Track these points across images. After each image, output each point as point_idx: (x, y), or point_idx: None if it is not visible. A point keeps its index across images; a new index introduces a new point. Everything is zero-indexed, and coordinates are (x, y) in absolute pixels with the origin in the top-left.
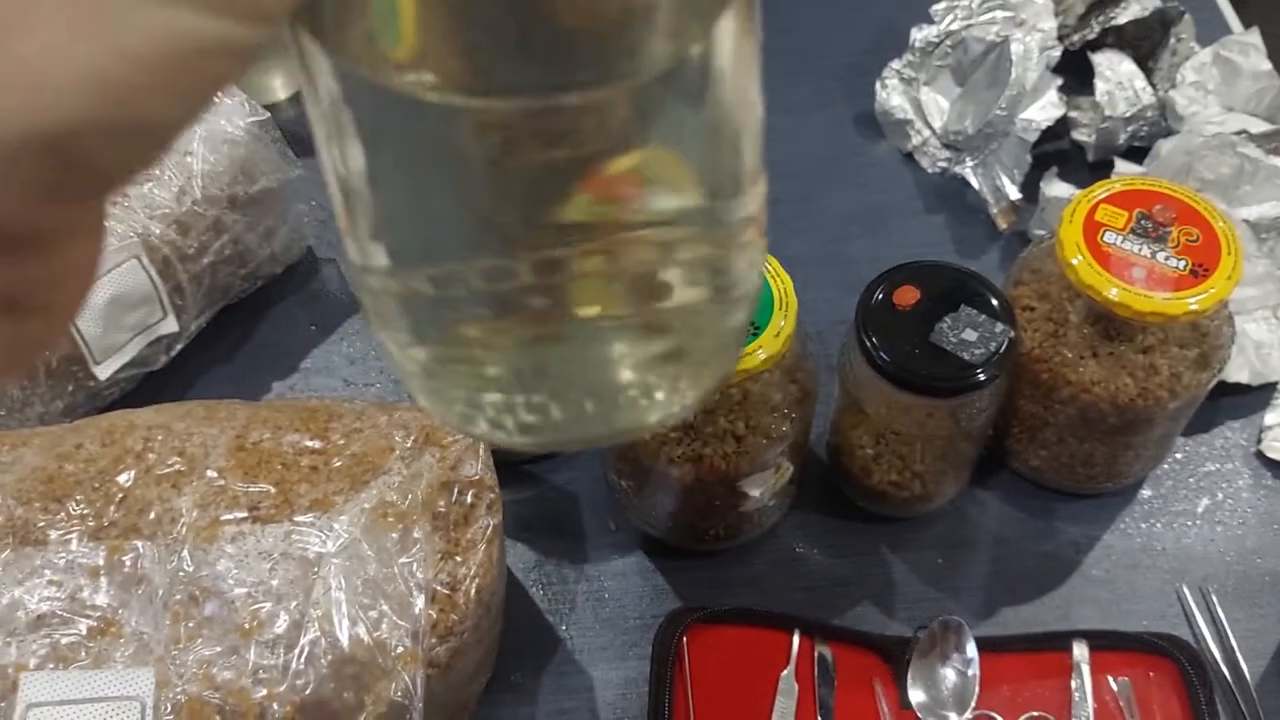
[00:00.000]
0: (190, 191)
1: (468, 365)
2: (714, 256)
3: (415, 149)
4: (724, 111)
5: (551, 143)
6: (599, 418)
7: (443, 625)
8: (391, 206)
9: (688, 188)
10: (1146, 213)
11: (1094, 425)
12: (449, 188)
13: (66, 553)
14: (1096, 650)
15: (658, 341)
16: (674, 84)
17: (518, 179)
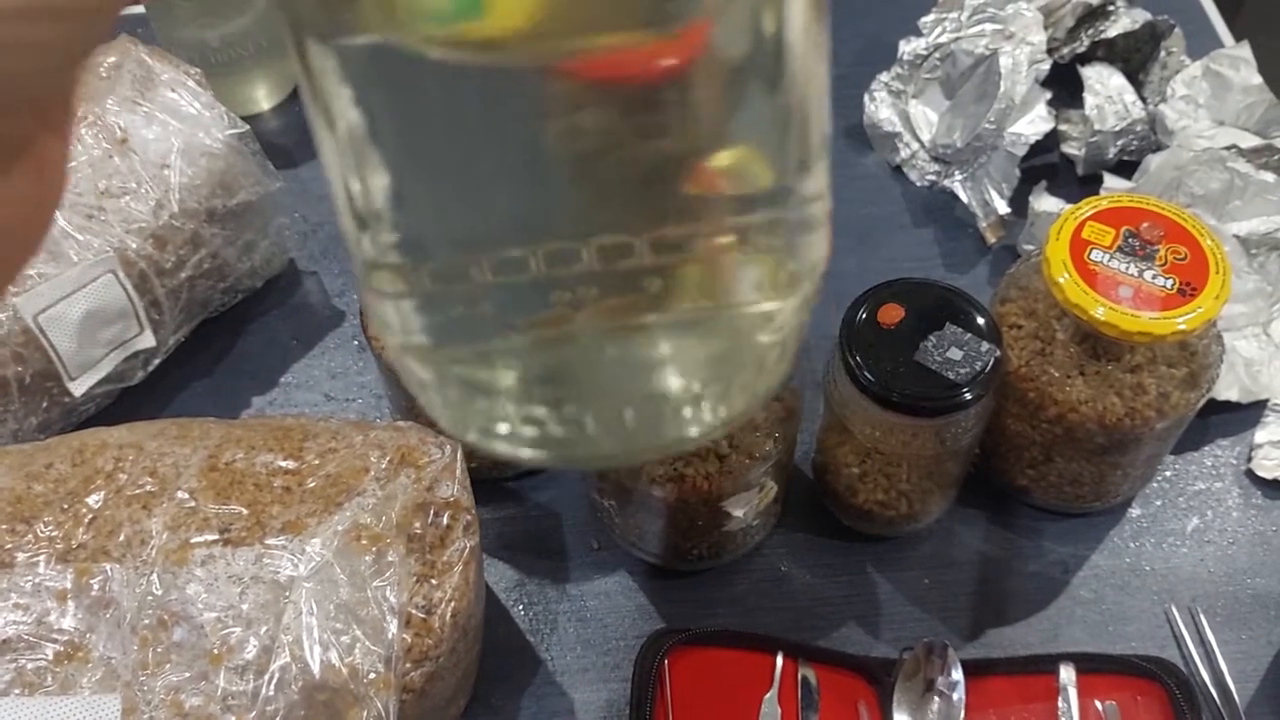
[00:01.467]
0: (167, 205)
1: (493, 370)
2: (783, 245)
3: (459, 119)
4: (798, 89)
5: (623, 111)
6: (639, 431)
7: (418, 650)
8: (433, 189)
9: (764, 172)
10: (1134, 230)
11: (1081, 445)
12: (508, 163)
13: (34, 575)
14: (1084, 673)
15: (711, 342)
16: (753, 53)
17: (585, 154)
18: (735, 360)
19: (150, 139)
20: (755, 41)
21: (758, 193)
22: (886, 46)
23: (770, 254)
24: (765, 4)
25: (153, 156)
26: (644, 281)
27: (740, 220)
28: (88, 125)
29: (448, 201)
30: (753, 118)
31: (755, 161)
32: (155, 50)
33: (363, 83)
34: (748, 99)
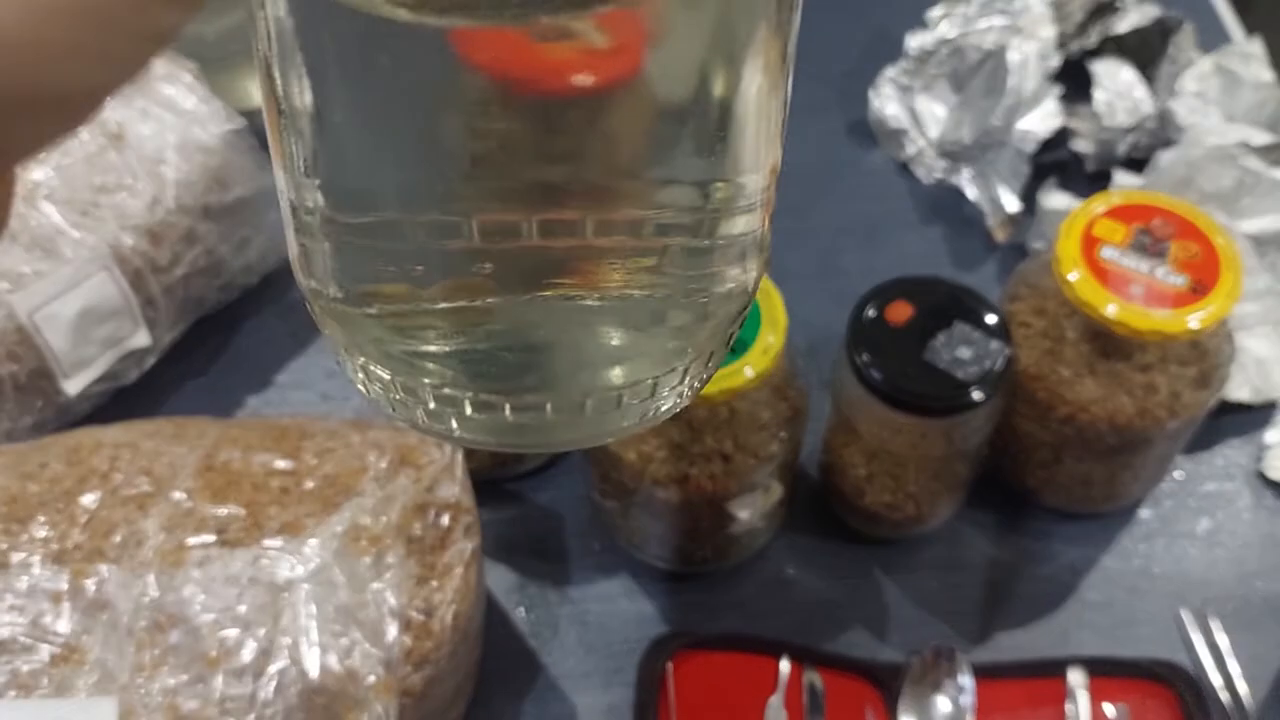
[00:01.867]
0: (163, 201)
1: (412, 334)
2: (718, 207)
3: (383, 74)
4: (736, 144)
5: (532, 119)
6: (563, 421)
7: (418, 653)
8: (369, 140)
9: (693, 114)
10: (1145, 227)
11: (1091, 445)
12: (448, 122)
13: (29, 577)
14: (1093, 677)
15: (649, 313)
16: (690, 103)
17: (513, 110)
18: (677, 338)
19: (145, 134)
20: (695, 93)
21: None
22: (893, 41)
23: (688, 248)
24: (712, 59)
25: (148, 152)
26: (538, 262)
27: (643, 214)
28: None
29: (372, 154)
30: (674, 160)
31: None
32: None
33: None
34: (672, 142)
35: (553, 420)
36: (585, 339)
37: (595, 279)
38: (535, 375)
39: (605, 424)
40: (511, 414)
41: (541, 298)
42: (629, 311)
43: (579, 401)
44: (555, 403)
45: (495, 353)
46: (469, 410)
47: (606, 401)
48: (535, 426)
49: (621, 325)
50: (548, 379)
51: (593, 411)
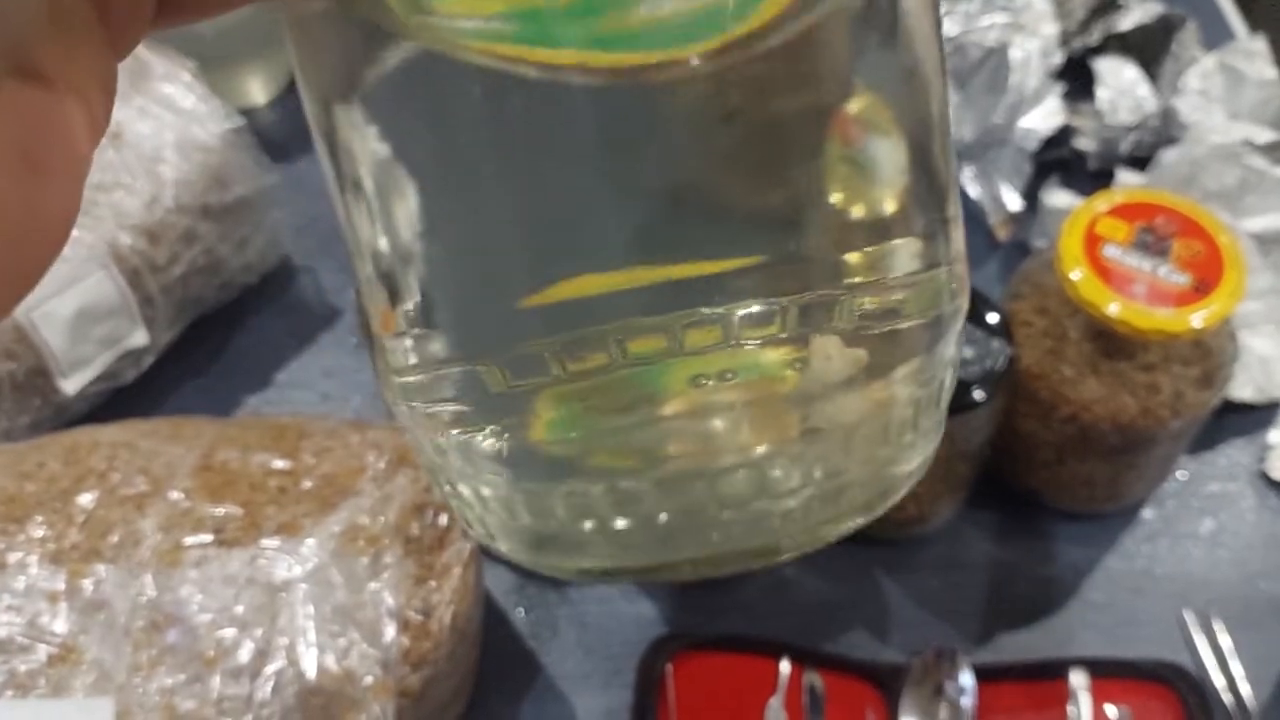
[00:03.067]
0: (161, 200)
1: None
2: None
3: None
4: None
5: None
6: (729, 539)
7: (416, 653)
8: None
9: (905, 198)
10: (1148, 226)
11: (1094, 445)
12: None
13: (26, 576)
14: (1096, 678)
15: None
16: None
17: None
18: (860, 453)
19: (144, 133)
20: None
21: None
22: None
23: (918, 313)
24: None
25: (146, 151)
26: (786, 364)
27: (886, 269)
28: None
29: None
30: (878, 75)
31: (886, 183)
32: (149, 43)
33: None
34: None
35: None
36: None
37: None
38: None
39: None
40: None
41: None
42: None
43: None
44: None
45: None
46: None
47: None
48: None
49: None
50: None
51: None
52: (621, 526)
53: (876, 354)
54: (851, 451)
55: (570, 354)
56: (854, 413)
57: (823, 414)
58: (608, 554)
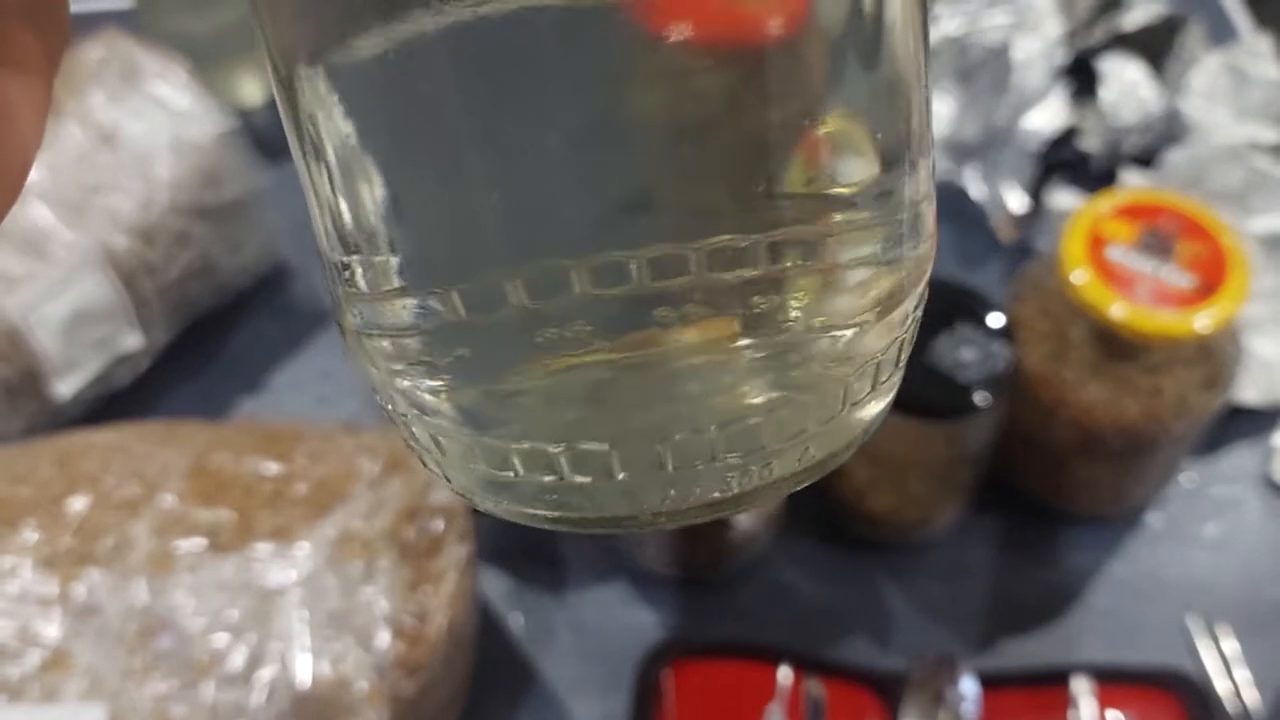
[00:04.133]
0: (156, 202)
1: (517, 416)
2: (891, 253)
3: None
4: (897, 66)
5: (725, 79)
6: (679, 485)
7: (410, 659)
8: (468, 191)
9: (870, 157)
10: (1152, 227)
11: (1097, 449)
12: (584, 140)
13: (19, 581)
14: (1099, 685)
15: (794, 377)
16: (852, 23)
17: (682, 129)
18: (818, 402)
19: (138, 134)
20: (854, 11)
21: (867, 184)
22: None
23: (877, 262)
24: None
25: (141, 152)
26: (753, 297)
27: (851, 217)
28: (75, 120)
29: (490, 198)
30: (855, 91)
31: (861, 143)
32: (143, 43)
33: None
34: (848, 73)
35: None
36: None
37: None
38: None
39: (736, 488)
40: (628, 476)
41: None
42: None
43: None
44: (637, 465)
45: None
46: (573, 479)
47: (740, 461)
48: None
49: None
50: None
51: (730, 471)
52: (580, 481)
53: (839, 303)
54: (809, 405)
55: (531, 285)
56: (815, 364)
57: (784, 363)
58: (564, 504)
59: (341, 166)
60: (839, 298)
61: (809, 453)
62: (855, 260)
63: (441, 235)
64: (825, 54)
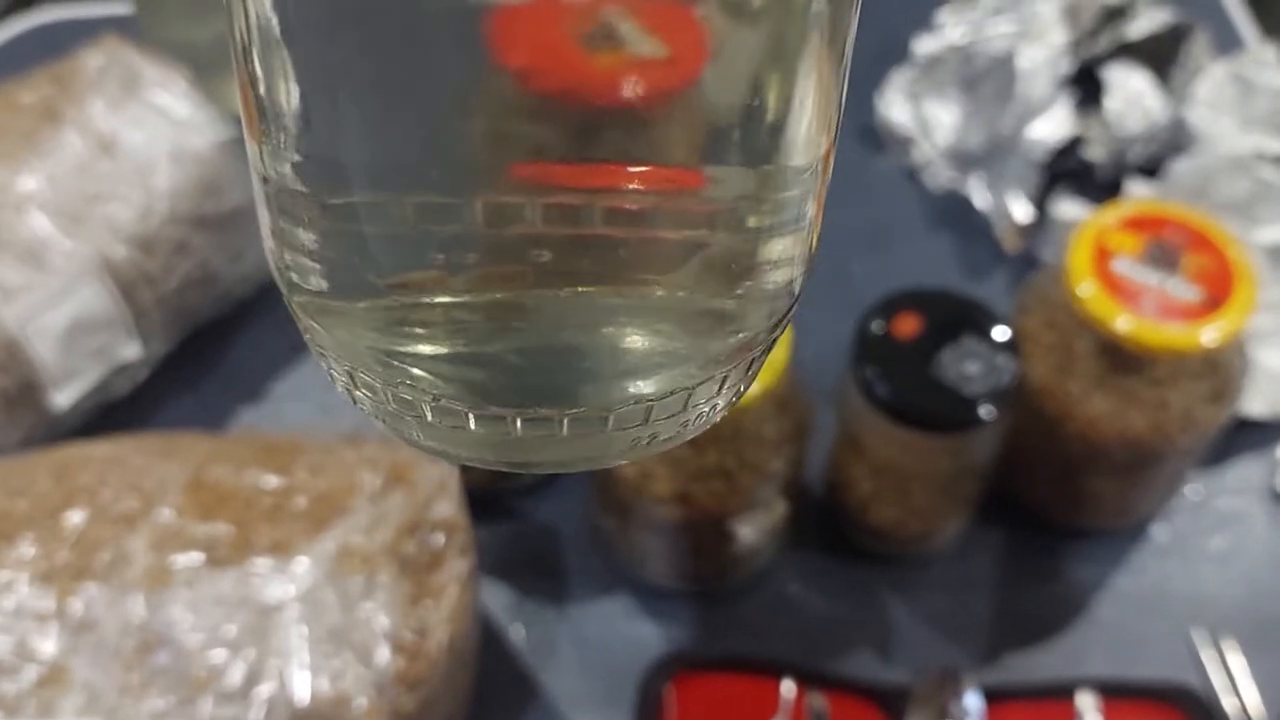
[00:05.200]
0: (155, 211)
1: (408, 334)
2: (752, 235)
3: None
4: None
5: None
6: (580, 436)
7: (410, 675)
8: (386, 104)
9: (742, 122)
10: (1157, 239)
11: (1102, 461)
12: (440, 102)
13: (15, 596)
14: (1104, 699)
15: (660, 338)
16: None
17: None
18: (682, 368)
19: (138, 143)
20: (750, 96)
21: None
22: (901, 46)
23: (733, 244)
24: (767, 65)
25: (140, 161)
26: (595, 253)
27: (700, 203)
28: (74, 128)
29: (367, 117)
30: (725, 167)
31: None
32: (144, 52)
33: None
34: (725, 150)
35: (568, 436)
36: (614, 344)
37: (642, 275)
38: (554, 386)
39: (626, 441)
40: (521, 429)
41: (582, 295)
42: (669, 312)
43: (601, 415)
44: (573, 417)
45: (509, 358)
46: (473, 425)
47: (632, 415)
48: (547, 444)
49: (658, 328)
50: (568, 390)
51: (615, 427)
52: (476, 430)
53: (718, 265)
54: (690, 361)
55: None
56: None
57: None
58: (459, 443)
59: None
60: (686, 266)
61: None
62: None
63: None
64: (696, 130)
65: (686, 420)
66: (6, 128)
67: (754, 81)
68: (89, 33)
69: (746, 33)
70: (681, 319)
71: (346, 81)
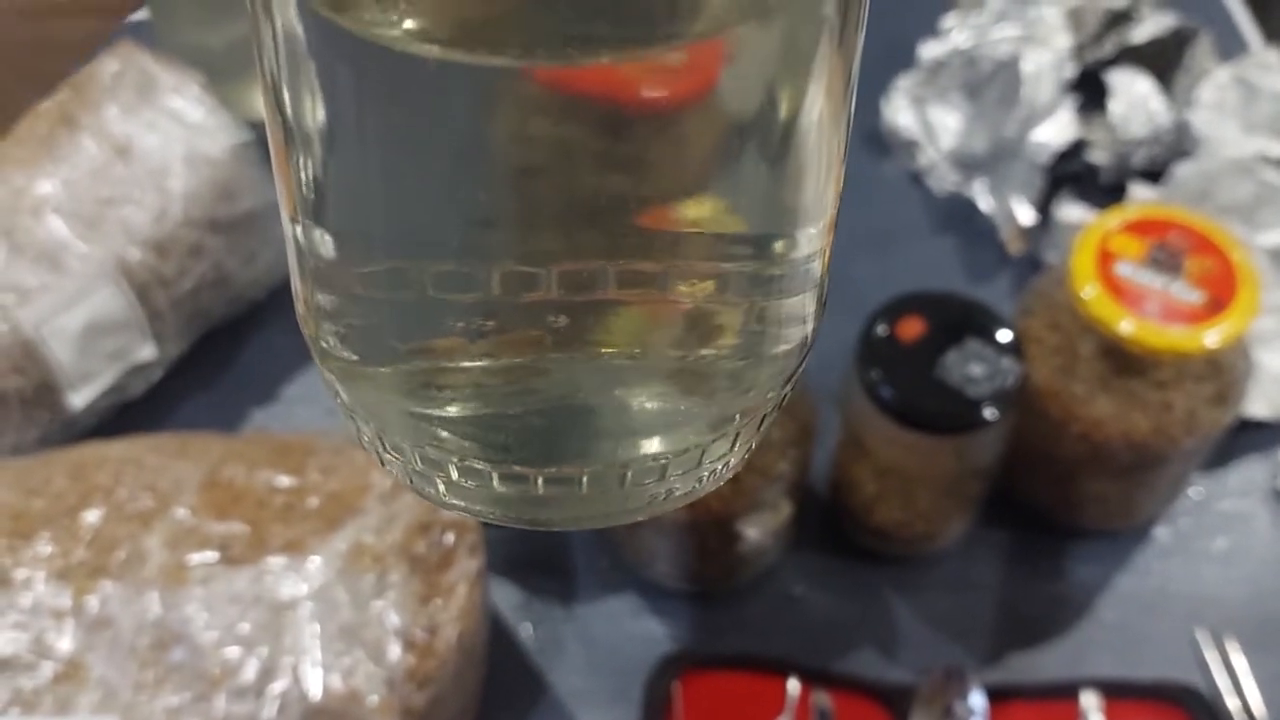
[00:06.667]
0: (170, 214)
1: (433, 397)
2: (761, 298)
3: (416, 116)
4: (799, 165)
5: (593, 133)
6: (599, 494)
7: (421, 672)
8: (411, 178)
9: (739, 226)
10: (1161, 242)
11: (1106, 463)
12: (461, 164)
13: (32, 594)
14: (1107, 699)
15: (704, 374)
16: (758, 119)
17: (542, 170)
18: (696, 426)
19: (152, 147)
20: (763, 107)
21: (735, 240)
22: (906, 50)
23: (745, 306)
24: (781, 76)
25: (155, 164)
26: (610, 316)
27: (712, 265)
28: (89, 133)
29: (390, 194)
30: (738, 181)
31: (730, 217)
32: (158, 57)
33: (317, 47)
34: (739, 161)
35: (588, 494)
36: (632, 404)
37: (658, 337)
38: (573, 444)
39: (644, 497)
40: (543, 487)
41: (599, 357)
42: (685, 372)
43: (619, 473)
44: (593, 474)
45: (529, 418)
46: (496, 483)
47: (649, 472)
48: (567, 500)
49: (674, 387)
50: (587, 448)
51: (632, 483)
52: (499, 488)
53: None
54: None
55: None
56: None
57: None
58: (482, 504)
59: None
60: (692, 329)
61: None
62: (715, 296)
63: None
64: (712, 137)
65: (701, 476)
66: (23, 133)
67: (769, 91)
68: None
69: (762, 41)
70: (694, 380)
71: (372, 153)
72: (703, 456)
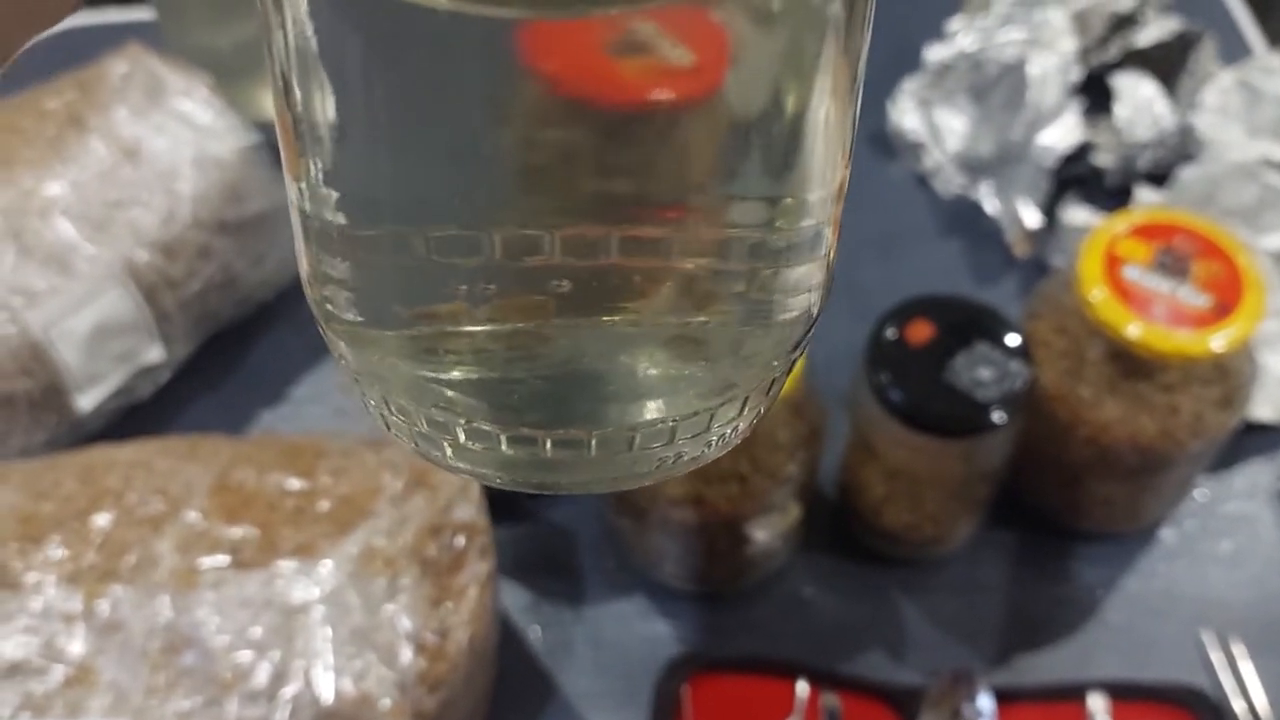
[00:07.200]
0: (178, 216)
1: (438, 361)
2: (768, 267)
3: (426, 71)
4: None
5: (597, 132)
6: (607, 458)
7: (432, 675)
8: (420, 140)
9: (761, 173)
10: (1167, 246)
11: (1113, 466)
12: (465, 134)
13: (43, 598)
14: (1114, 701)
15: (710, 339)
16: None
17: (549, 150)
18: (700, 390)
19: (161, 149)
20: (766, 113)
21: (740, 208)
22: (912, 53)
23: (748, 273)
24: (785, 79)
25: (163, 167)
26: (614, 282)
27: (716, 232)
28: (98, 135)
29: (393, 155)
30: (744, 153)
31: (736, 185)
32: (166, 59)
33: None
34: (745, 138)
35: (596, 457)
36: (637, 368)
37: (661, 303)
38: (580, 407)
39: (652, 461)
40: (551, 450)
41: (603, 322)
42: (689, 338)
43: (627, 436)
44: (601, 437)
45: (535, 382)
46: (504, 446)
47: (656, 435)
48: (575, 464)
49: (679, 352)
50: (594, 411)
51: (640, 447)
52: (507, 451)
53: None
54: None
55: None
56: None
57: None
58: (485, 464)
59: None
60: (693, 298)
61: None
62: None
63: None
64: (717, 139)
65: (709, 440)
66: (32, 134)
67: (774, 91)
68: (113, 39)
69: (767, 41)
70: (700, 345)
71: (379, 115)
72: (711, 421)
